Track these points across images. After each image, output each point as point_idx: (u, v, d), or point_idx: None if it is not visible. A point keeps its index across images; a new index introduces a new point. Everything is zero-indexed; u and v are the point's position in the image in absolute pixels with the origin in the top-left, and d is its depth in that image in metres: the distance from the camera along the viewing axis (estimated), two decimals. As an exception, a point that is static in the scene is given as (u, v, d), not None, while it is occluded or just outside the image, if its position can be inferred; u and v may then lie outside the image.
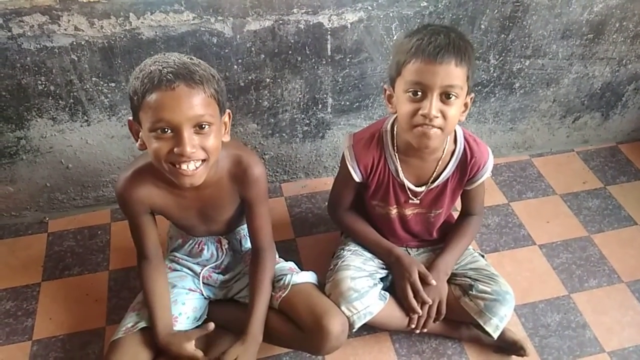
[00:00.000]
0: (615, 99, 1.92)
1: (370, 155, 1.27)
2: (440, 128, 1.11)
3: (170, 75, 0.97)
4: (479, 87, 1.74)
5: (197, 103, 0.99)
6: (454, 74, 1.07)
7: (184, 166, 1.03)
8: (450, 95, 1.09)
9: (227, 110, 1.11)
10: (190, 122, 1.00)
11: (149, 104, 0.98)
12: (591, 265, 1.63)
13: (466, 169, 1.28)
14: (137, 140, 1.09)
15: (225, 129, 1.12)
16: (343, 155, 1.31)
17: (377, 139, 1.28)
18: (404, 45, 1.11)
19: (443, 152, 1.26)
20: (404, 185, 1.29)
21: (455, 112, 1.11)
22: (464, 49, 1.08)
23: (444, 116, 1.10)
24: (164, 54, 1.03)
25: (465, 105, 1.16)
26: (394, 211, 1.35)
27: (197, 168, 1.05)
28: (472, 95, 1.17)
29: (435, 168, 1.28)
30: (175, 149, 1.01)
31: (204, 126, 1.02)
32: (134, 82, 1.01)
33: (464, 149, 1.27)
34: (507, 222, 1.76)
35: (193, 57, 1.04)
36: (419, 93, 1.09)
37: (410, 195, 1.31)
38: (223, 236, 1.37)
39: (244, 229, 1.40)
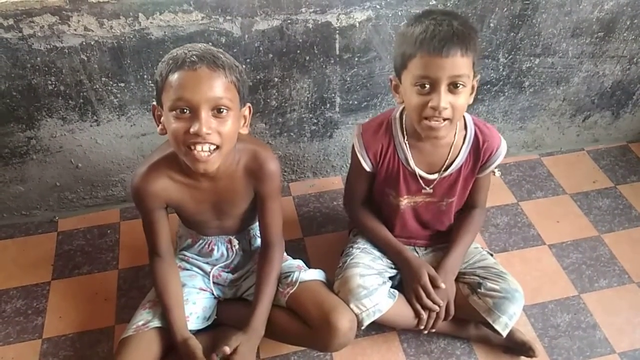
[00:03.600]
0: (626, 97, 1.90)
1: (378, 142, 1.27)
2: (449, 119, 1.12)
3: (194, 57, 1.01)
4: (488, 86, 1.73)
5: (216, 85, 1.02)
6: (460, 64, 1.08)
7: (198, 147, 1.04)
8: (458, 85, 1.10)
9: (248, 104, 1.13)
10: (208, 103, 1.02)
11: (171, 83, 1.02)
12: (601, 265, 1.62)
13: (479, 153, 1.28)
14: (158, 125, 1.11)
15: (245, 122, 1.14)
16: (353, 146, 1.31)
17: (385, 126, 1.28)
18: (408, 37, 1.11)
19: (455, 137, 1.26)
20: (415, 173, 1.29)
21: (463, 101, 1.12)
22: (468, 37, 1.09)
23: (453, 106, 1.11)
24: (194, 44, 1.07)
25: (472, 87, 1.16)
26: (404, 202, 1.35)
27: (210, 152, 1.06)
28: (479, 76, 1.18)
29: (448, 154, 1.27)
30: (191, 129, 1.02)
31: (222, 110, 1.04)
32: (160, 65, 1.05)
33: (475, 133, 1.27)
34: (516, 221, 1.75)
35: (220, 49, 1.08)
36: (427, 86, 1.10)
37: (423, 184, 1.30)
38: (233, 236, 1.37)
39: (253, 229, 1.40)
